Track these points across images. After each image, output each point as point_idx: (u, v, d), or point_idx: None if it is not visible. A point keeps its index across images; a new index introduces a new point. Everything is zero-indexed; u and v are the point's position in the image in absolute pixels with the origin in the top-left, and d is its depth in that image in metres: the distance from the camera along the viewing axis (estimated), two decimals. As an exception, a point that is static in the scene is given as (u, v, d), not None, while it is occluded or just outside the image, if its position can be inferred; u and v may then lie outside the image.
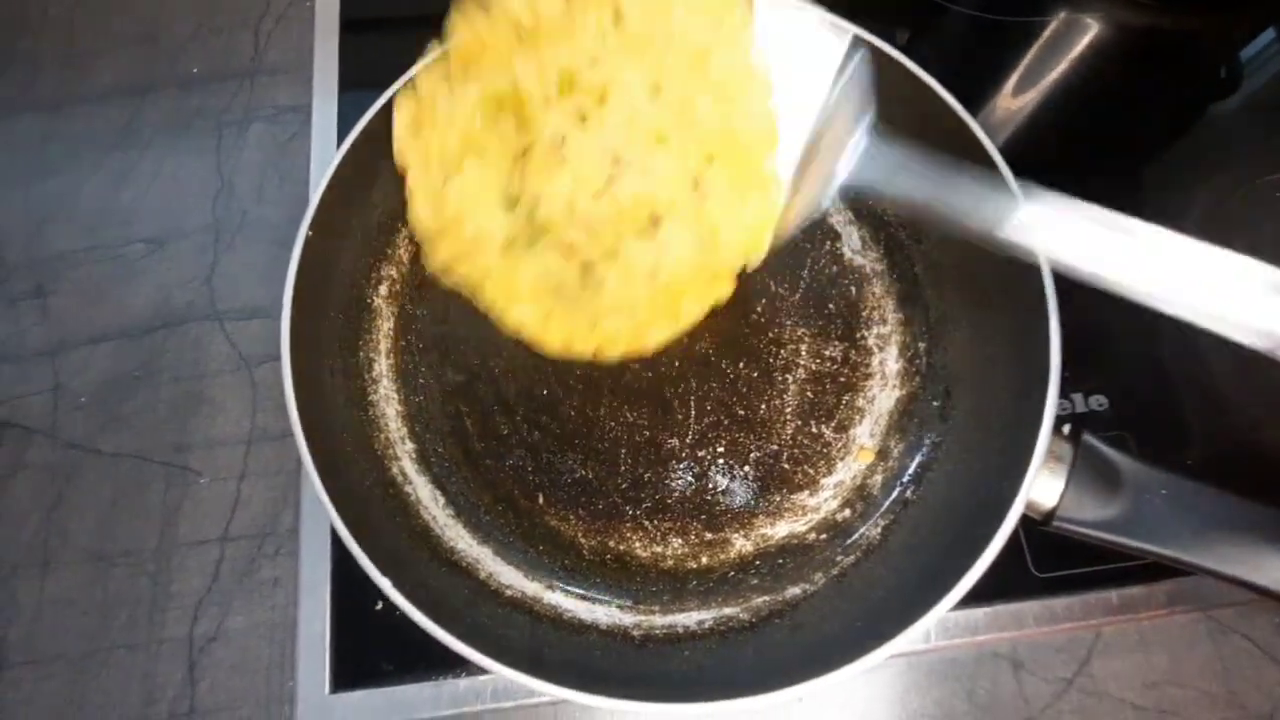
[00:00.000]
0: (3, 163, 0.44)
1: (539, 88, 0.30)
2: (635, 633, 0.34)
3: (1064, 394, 0.39)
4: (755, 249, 0.32)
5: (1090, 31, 0.50)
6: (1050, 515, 0.30)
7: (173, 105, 0.45)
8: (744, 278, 0.40)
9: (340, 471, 0.33)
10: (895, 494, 0.36)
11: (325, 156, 0.43)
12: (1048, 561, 0.35)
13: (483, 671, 0.34)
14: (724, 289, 0.33)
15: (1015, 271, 0.34)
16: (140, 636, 0.35)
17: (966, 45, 0.51)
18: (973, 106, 0.36)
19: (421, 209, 0.32)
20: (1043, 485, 0.30)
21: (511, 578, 0.35)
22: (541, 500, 0.36)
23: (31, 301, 0.41)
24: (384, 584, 0.29)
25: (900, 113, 0.37)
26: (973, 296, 0.37)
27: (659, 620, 0.34)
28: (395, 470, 0.36)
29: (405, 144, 0.32)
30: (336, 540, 0.36)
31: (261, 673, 0.34)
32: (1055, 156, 0.46)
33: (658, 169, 0.30)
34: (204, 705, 0.34)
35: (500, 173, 0.31)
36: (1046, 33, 0.50)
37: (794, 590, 0.34)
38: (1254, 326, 0.26)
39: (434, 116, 0.31)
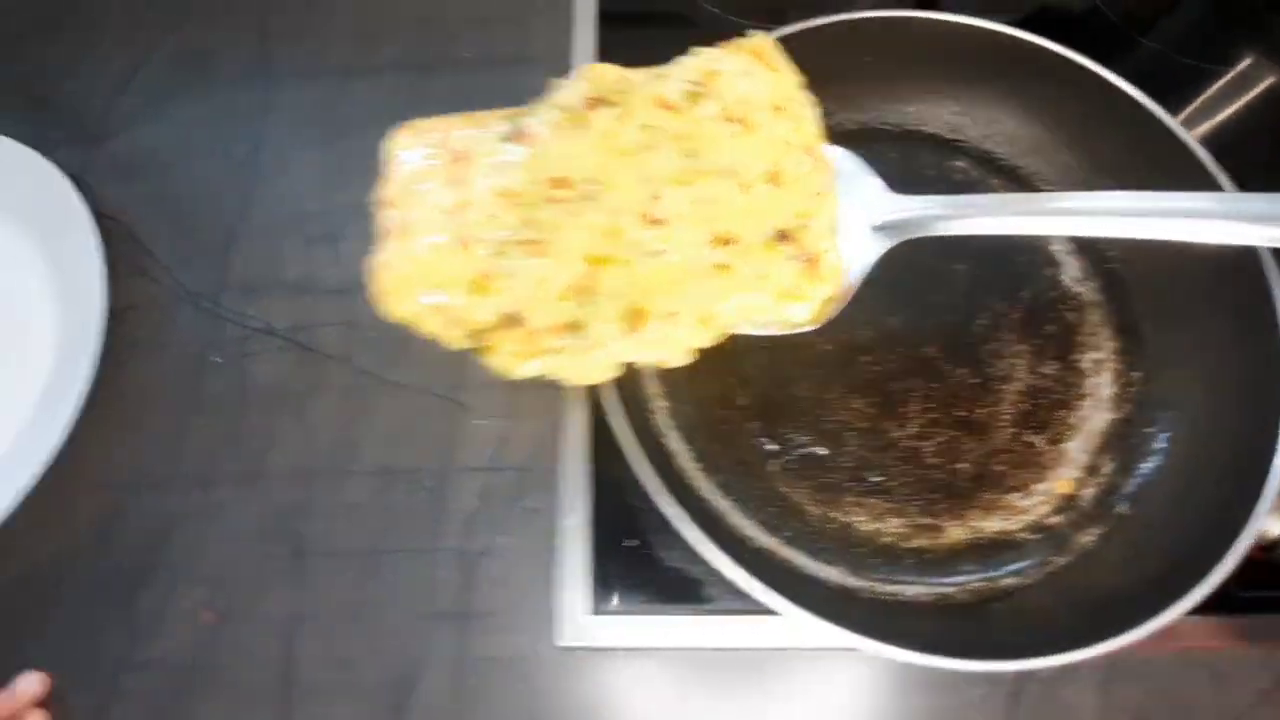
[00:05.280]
0: (302, 121, 0.51)
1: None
2: (862, 595, 0.38)
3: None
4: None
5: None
6: (1275, 544, 0.33)
7: (447, 84, 0.51)
8: (967, 292, 0.44)
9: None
10: (1109, 508, 0.39)
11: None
12: (1253, 581, 0.37)
13: (725, 612, 0.38)
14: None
15: (1246, 321, 0.37)
16: (420, 543, 0.40)
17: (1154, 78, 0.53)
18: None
19: None
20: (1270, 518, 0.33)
21: (752, 531, 0.39)
22: (773, 468, 0.40)
23: (326, 245, 0.47)
24: (670, 511, 0.34)
25: (1106, 129, 0.41)
26: (1197, 338, 0.40)
27: (881, 588, 0.38)
28: (654, 422, 0.40)
29: None
30: (593, 479, 0.41)
31: (526, 588, 0.39)
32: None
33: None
34: (477, 609, 0.39)
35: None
36: (1231, 75, 0.52)
37: (1009, 580, 0.38)
38: None
39: None
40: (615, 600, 0.39)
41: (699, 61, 0.32)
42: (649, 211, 0.30)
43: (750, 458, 0.40)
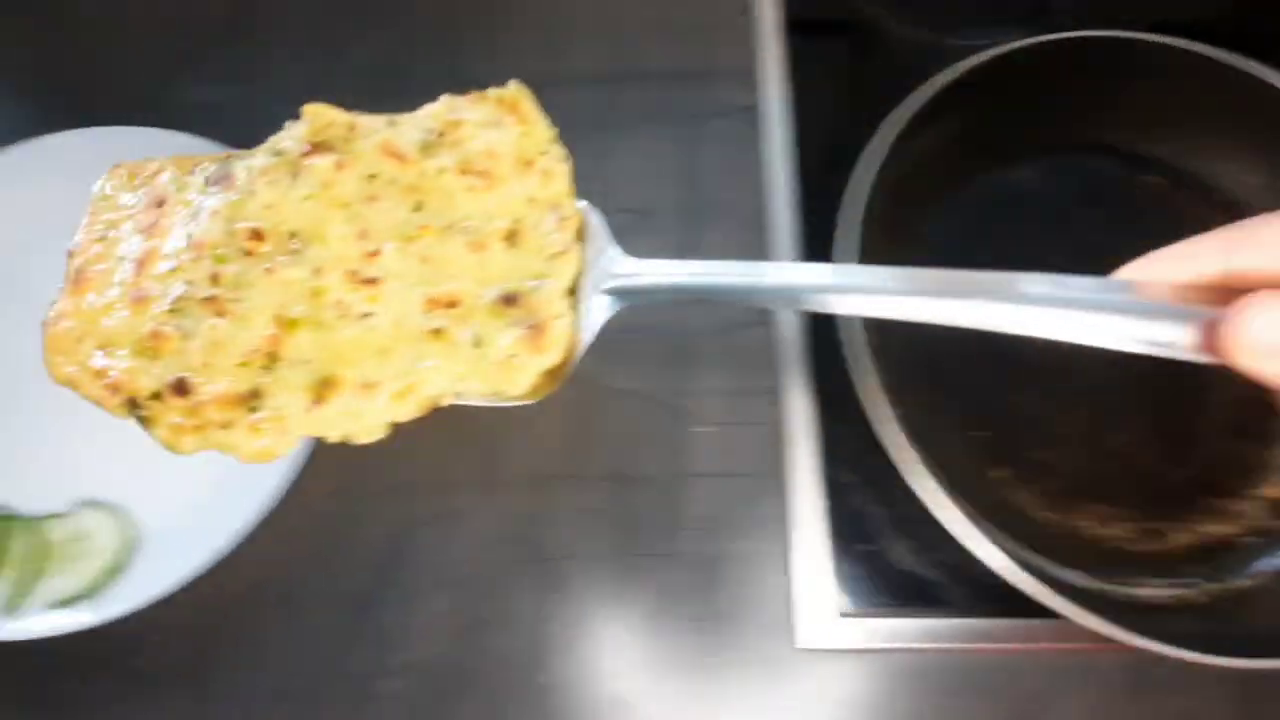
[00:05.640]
0: (495, 130, 0.51)
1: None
2: (1102, 597, 0.39)
3: None
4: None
5: None
6: None
7: (637, 96, 0.52)
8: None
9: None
10: (1330, 513, 0.41)
11: (774, 153, 0.50)
12: None
13: (964, 614, 0.40)
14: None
15: None
16: (658, 548, 0.41)
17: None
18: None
19: None
20: None
21: (994, 535, 0.40)
22: (998, 475, 0.42)
23: (533, 253, 0.48)
24: (945, 514, 0.35)
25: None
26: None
27: (1115, 590, 0.40)
28: (890, 430, 0.42)
29: None
30: (826, 484, 0.42)
31: (764, 592, 0.40)
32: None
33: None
34: (717, 613, 0.40)
35: None
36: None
37: (1241, 582, 0.39)
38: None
39: None
40: (854, 603, 0.40)
41: (440, 109, 0.31)
42: (361, 270, 0.28)
43: (978, 466, 0.42)
